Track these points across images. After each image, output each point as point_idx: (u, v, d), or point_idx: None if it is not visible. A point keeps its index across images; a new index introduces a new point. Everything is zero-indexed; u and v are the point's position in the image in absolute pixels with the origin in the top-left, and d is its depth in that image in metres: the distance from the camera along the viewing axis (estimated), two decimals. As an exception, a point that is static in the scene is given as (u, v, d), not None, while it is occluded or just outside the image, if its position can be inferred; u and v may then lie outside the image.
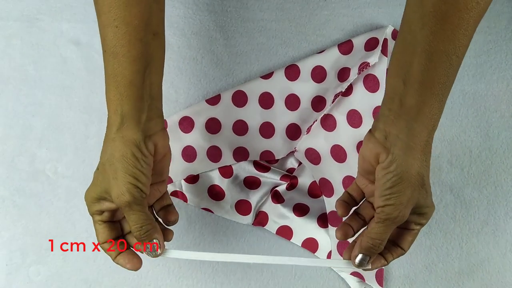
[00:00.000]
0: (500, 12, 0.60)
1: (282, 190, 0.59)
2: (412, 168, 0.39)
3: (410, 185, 0.39)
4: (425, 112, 0.39)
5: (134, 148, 0.40)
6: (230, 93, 0.59)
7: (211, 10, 0.60)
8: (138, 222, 0.41)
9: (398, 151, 0.39)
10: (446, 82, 0.38)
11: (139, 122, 0.41)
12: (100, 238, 0.44)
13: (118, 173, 0.40)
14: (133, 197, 0.40)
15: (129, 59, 0.39)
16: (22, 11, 0.61)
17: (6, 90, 0.60)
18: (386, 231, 0.41)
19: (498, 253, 0.58)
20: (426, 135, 0.39)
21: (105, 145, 0.41)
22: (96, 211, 0.43)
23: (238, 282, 0.59)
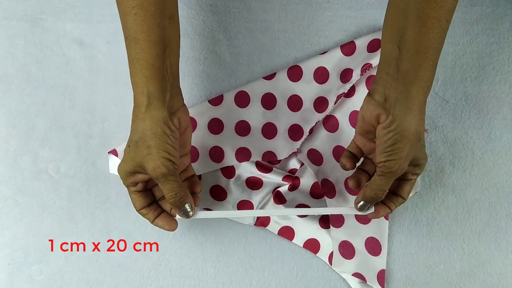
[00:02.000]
0: (503, 14, 0.60)
1: (284, 191, 0.59)
2: (411, 126, 0.43)
3: (409, 142, 0.43)
4: (421, 75, 0.42)
5: (163, 126, 0.44)
6: (233, 94, 0.59)
7: (214, 11, 0.60)
8: (173, 190, 0.46)
9: (398, 112, 0.43)
10: (438, 45, 0.42)
11: (164, 101, 0.44)
12: (137, 206, 0.49)
13: (152, 149, 0.44)
14: (167, 169, 0.44)
15: (149, 44, 0.42)
16: (26, 10, 0.61)
17: (9, 89, 0.60)
18: (387, 183, 0.45)
19: (499, 255, 0.58)
20: (422, 96, 0.43)
21: (135, 124, 0.45)
22: (130, 183, 0.48)
23: (239, 282, 0.59)
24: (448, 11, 0.40)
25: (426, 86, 0.43)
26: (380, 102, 0.44)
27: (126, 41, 0.43)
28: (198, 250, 0.59)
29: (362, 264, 0.57)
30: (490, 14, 0.60)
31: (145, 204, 0.49)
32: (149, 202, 0.50)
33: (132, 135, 0.45)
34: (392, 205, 0.49)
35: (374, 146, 0.48)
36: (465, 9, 0.60)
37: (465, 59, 0.60)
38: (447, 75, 0.60)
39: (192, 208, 0.49)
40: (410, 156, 0.44)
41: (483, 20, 0.60)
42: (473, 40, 0.60)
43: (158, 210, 0.50)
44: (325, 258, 0.59)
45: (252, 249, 0.59)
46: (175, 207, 0.48)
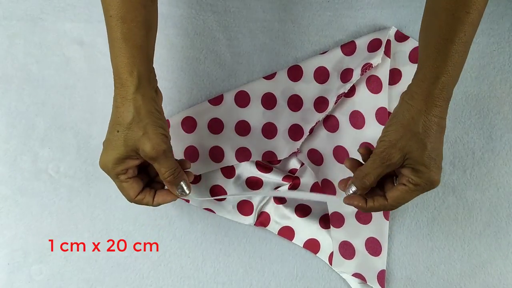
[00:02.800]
0: (503, 14, 0.60)
1: (284, 191, 0.59)
2: (408, 112, 0.43)
3: (402, 127, 0.43)
4: (427, 64, 0.42)
5: (154, 103, 0.44)
6: (233, 94, 0.59)
7: (214, 11, 0.60)
8: (172, 167, 0.45)
9: (404, 96, 0.44)
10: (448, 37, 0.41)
11: (150, 80, 0.45)
12: (131, 194, 0.47)
13: (148, 128, 0.43)
14: (166, 145, 0.44)
15: (137, 24, 0.43)
16: (26, 10, 0.61)
17: (9, 89, 0.60)
18: (373, 166, 0.44)
19: (500, 255, 0.58)
20: (427, 85, 0.42)
21: (124, 106, 0.44)
22: (121, 171, 0.45)
23: (239, 282, 0.59)
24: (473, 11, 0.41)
25: (433, 76, 0.42)
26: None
27: (110, 20, 0.43)
28: (198, 250, 0.59)
29: (362, 265, 0.57)
30: (490, 14, 0.60)
31: (139, 190, 0.47)
32: (142, 188, 0.47)
33: (122, 118, 0.44)
34: (370, 201, 0.46)
35: None
36: (465, 9, 0.60)
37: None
38: (448, 75, 0.60)
39: (188, 185, 0.48)
40: (401, 146, 0.42)
41: (483, 20, 0.59)
42: (473, 40, 0.60)
43: (152, 190, 0.48)
44: (325, 258, 0.58)
45: (252, 249, 0.59)
46: (172, 186, 0.47)
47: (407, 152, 0.42)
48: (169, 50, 0.60)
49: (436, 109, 0.42)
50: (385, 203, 0.45)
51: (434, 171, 0.43)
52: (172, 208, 0.60)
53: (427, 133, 0.42)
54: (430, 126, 0.42)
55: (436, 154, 0.43)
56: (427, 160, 0.42)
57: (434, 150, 0.43)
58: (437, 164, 0.43)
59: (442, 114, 0.43)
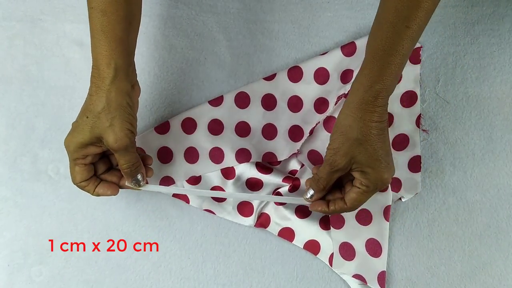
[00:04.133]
0: (504, 14, 0.60)
1: (284, 192, 0.59)
2: (345, 120, 0.45)
3: (341, 134, 0.45)
4: (364, 73, 0.44)
5: (127, 98, 0.45)
6: (233, 95, 0.58)
7: (214, 12, 0.60)
8: (131, 161, 0.47)
9: (343, 107, 0.46)
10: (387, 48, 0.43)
11: (127, 74, 0.46)
12: (77, 179, 0.48)
13: (116, 120, 0.44)
14: (130, 140, 0.45)
15: (118, 18, 0.44)
16: (25, 11, 0.61)
17: (9, 90, 0.60)
18: (324, 171, 0.47)
19: (500, 256, 0.58)
20: (361, 93, 0.44)
21: (97, 96, 0.45)
22: (81, 155, 0.47)
23: (239, 283, 0.59)
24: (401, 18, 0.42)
25: (367, 85, 0.44)
26: None
27: (91, 12, 0.44)
28: (198, 251, 0.59)
29: (362, 266, 0.57)
30: (490, 14, 0.60)
31: (87, 177, 0.49)
32: (91, 176, 0.49)
33: (93, 106, 0.45)
34: (332, 205, 0.49)
35: None
36: (465, 9, 0.60)
37: (466, 59, 0.60)
38: (448, 76, 0.60)
39: (143, 178, 0.50)
40: (344, 152, 0.45)
41: (483, 20, 0.60)
42: (474, 41, 0.60)
43: (97, 181, 0.50)
44: (325, 259, 0.58)
45: (252, 251, 0.59)
46: (128, 177, 0.49)
47: (352, 157, 0.45)
48: (169, 51, 0.60)
49: (372, 115, 0.44)
50: (344, 206, 0.48)
51: (381, 170, 0.45)
52: (172, 209, 0.60)
53: (366, 137, 0.44)
54: (368, 131, 0.44)
55: (380, 154, 0.45)
56: (371, 161, 0.45)
57: (376, 151, 0.45)
58: (383, 163, 0.45)
59: (380, 118, 0.44)
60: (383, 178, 0.46)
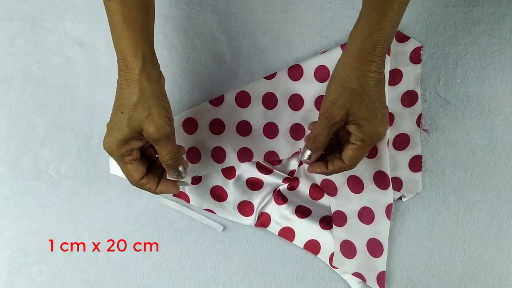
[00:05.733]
0: (505, 14, 0.60)
1: (284, 190, 0.59)
2: (343, 70, 0.44)
3: (339, 85, 0.44)
4: (362, 22, 0.43)
5: (158, 85, 0.45)
6: (234, 94, 0.58)
7: (215, 11, 0.60)
8: (173, 151, 0.46)
9: (341, 57, 0.45)
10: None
11: (154, 62, 0.46)
12: (136, 177, 0.47)
13: (153, 109, 0.43)
14: (170, 128, 0.44)
15: (137, 6, 0.43)
16: (26, 11, 0.61)
17: (10, 89, 0.60)
18: (320, 126, 0.46)
19: (501, 256, 0.58)
20: (360, 42, 0.43)
21: (129, 88, 0.44)
22: (126, 151, 0.46)
23: (240, 283, 0.59)
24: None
25: (366, 33, 0.43)
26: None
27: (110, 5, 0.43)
28: (198, 251, 0.59)
29: (362, 265, 0.57)
30: (491, 14, 0.60)
31: (144, 173, 0.47)
32: (146, 170, 0.48)
33: (127, 99, 0.44)
34: (330, 165, 0.48)
35: None
36: (466, 9, 0.60)
37: (467, 59, 0.60)
38: (449, 75, 0.60)
39: (185, 170, 0.48)
40: (342, 104, 0.44)
41: (484, 20, 0.60)
42: (474, 41, 0.60)
43: (157, 177, 0.48)
44: (325, 259, 0.58)
45: (253, 250, 0.59)
46: (170, 168, 0.47)
47: (349, 108, 0.44)
48: (170, 51, 0.60)
49: (370, 65, 0.43)
50: (343, 165, 0.47)
51: (377, 122, 0.45)
52: (173, 209, 0.60)
53: (363, 88, 0.44)
54: (366, 81, 0.43)
55: (376, 106, 0.44)
56: (367, 113, 0.44)
57: (373, 102, 0.44)
58: (379, 115, 0.45)
59: (378, 68, 0.44)
60: (378, 131, 0.45)
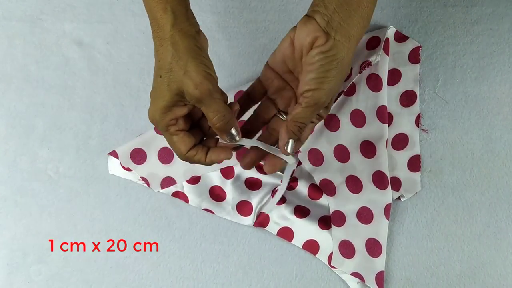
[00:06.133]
0: (504, 14, 0.60)
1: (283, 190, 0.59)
2: (348, 57, 0.40)
3: (340, 73, 0.40)
4: (363, 5, 0.40)
5: (193, 39, 0.40)
6: (232, 94, 0.58)
7: (213, 11, 0.60)
8: (220, 111, 0.40)
9: (340, 37, 0.39)
10: None
11: (188, 17, 0.41)
12: (182, 149, 0.42)
13: (189, 65, 0.39)
14: (211, 84, 0.39)
15: None
16: (25, 11, 0.61)
17: (9, 89, 0.60)
18: (312, 115, 0.41)
19: (499, 256, 0.58)
20: (361, 28, 0.40)
21: (163, 47, 0.40)
22: (170, 120, 0.41)
23: (239, 283, 0.59)
24: None
25: (367, 18, 0.40)
26: (321, 24, 0.39)
27: None
28: (197, 251, 0.59)
29: (361, 264, 0.57)
30: (490, 14, 0.60)
31: (191, 145, 0.42)
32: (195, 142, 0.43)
33: (162, 61, 0.40)
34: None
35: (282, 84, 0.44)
36: (465, 9, 0.60)
37: (465, 59, 0.60)
38: (447, 75, 0.60)
39: (238, 131, 0.42)
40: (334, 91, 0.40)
41: (483, 20, 0.60)
42: (473, 41, 0.60)
43: (205, 147, 0.43)
44: (324, 259, 0.58)
45: (251, 250, 0.59)
46: (221, 132, 0.41)
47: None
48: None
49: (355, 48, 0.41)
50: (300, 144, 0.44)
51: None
52: (172, 208, 0.60)
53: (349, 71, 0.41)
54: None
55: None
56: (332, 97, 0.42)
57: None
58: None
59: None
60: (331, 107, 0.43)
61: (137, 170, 0.58)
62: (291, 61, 0.42)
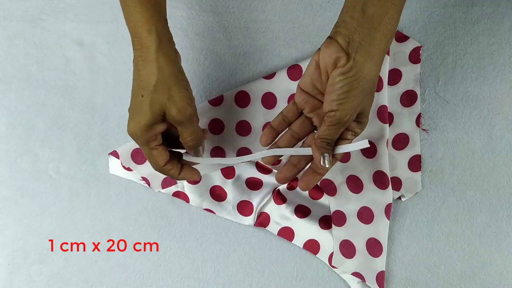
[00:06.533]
0: (504, 14, 0.60)
1: (283, 190, 0.59)
2: (370, 74, 0.40)
3: (363, 91, 0.41)
4: (386, 22, 0.40)
5: (177, 64, 0.43)
6: (233, 94, 0.59)
7: (214, 11, 0.60)
8: (195, 132, 0.45)
9: (359, 57, 0.40)
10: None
11: (170, 40, 0.43)
12: (160, 162, 0.46)
13: (173, 90, 0.42)
14: (192, 109, 0.43)
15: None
16: (26, 11, 0.61)
17: (10, 90, 0.60)
18: (337, 133, 0.43)
19: (500, 256, 0.58)
20: (384, 44, 0.41)
21: (146, 69, 0.42)
22: (151, 137, 0.44)
23: (239, 283, 0.59)
24: None
25: (390, 34, 0.41)
26: (343, 45, 0.40)
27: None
28: (198, 251, 0.59)
29: (362, 264, 0.57)
30: (490, 14, 0.60)
31: (167, 158, 0.46)
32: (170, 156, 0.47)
33: (146, 82, 0.42)
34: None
35: (316, 103, 0.45)
36: (465, 9, 0.60)
37: (466, 59, 0.60)
38: (448, 75, 0.60)
39: (203, 149, 0.48)
40: (360, 108, 0.42)
41: (483, 20, 0.60)
42: (473, 40, 0.60)
43: (179, 164, 0.48)
44: (325, 259, 0.58)
45: (252, 250, 0.59)
46: (190, 149, 0.46)
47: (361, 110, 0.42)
48: (169, 51, 0.60)
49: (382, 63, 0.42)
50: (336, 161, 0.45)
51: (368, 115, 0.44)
52: (172, 208, 0.60)
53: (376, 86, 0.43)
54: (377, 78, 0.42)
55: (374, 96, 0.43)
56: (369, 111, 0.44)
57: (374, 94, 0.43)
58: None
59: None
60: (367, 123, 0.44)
61: (137, 170, 0.58)
62: (319, 83, 0.44)
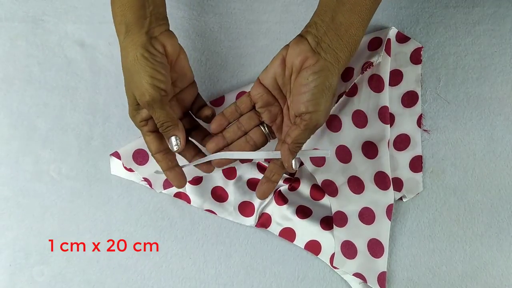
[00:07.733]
0: (505, 15, 0.60)
1: (285, 191, 0.59)
2: (334, 79, 0.41)
3: (332, 94, 0.42)
4: (351, 32, 0.42)
5: (141, 50, 0.42)
6: (235, 95, 0.59)
7: (216, 12, 0.60)
8: (160, 119, 0.44)
9: (330, 58, 0.41)
10: (371, 7, 0.42)
11: (142, 26, 0.43)
12: (152, 149, 0.47)
13: (135, 76, 0.42)
14: (151, 96, 0.42)
15: None
16: (27, 12, 0.61)
17: (11, 90, 0.60)
18: (309, 136, 0.44)
19: (501, 256, 0.58)
20: (348, 53, 0.42)
21: (121, 55, 0.44)
22: (140, 122, 0.45)
23: (241, 283, 0.59)
24: None
25: (354, 45, 0.42)
26: (312, 44, 0.41)
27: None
28: (199, 251, 0.59)
29: (363, 265, 0.57)
30: (492, 15, 0.60)
31: (160, 149, 0.47)
32: (165, 148, 0.47)
33: (123, 67, 0.44)
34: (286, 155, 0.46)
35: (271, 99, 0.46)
36: (466, 10, 0.60)
37: (467, 60, 0.60)
38: (449, 76, 0.60)
39: (179, 143, 0.46)
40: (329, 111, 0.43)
41: (485, 21, 0.60)
42: (475, 41, 0.60)
43: (174, 162, 0.48)
44: (326, 259, 0.58)
45: (253, 251, 0.59)
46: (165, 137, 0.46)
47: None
48: (171, 52, 0.60)
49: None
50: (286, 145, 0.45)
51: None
52: (174, 209, 0.60)
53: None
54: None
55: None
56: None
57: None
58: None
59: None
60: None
61: (139, 170, 0.58)
62: (281, 78, 0.44)
